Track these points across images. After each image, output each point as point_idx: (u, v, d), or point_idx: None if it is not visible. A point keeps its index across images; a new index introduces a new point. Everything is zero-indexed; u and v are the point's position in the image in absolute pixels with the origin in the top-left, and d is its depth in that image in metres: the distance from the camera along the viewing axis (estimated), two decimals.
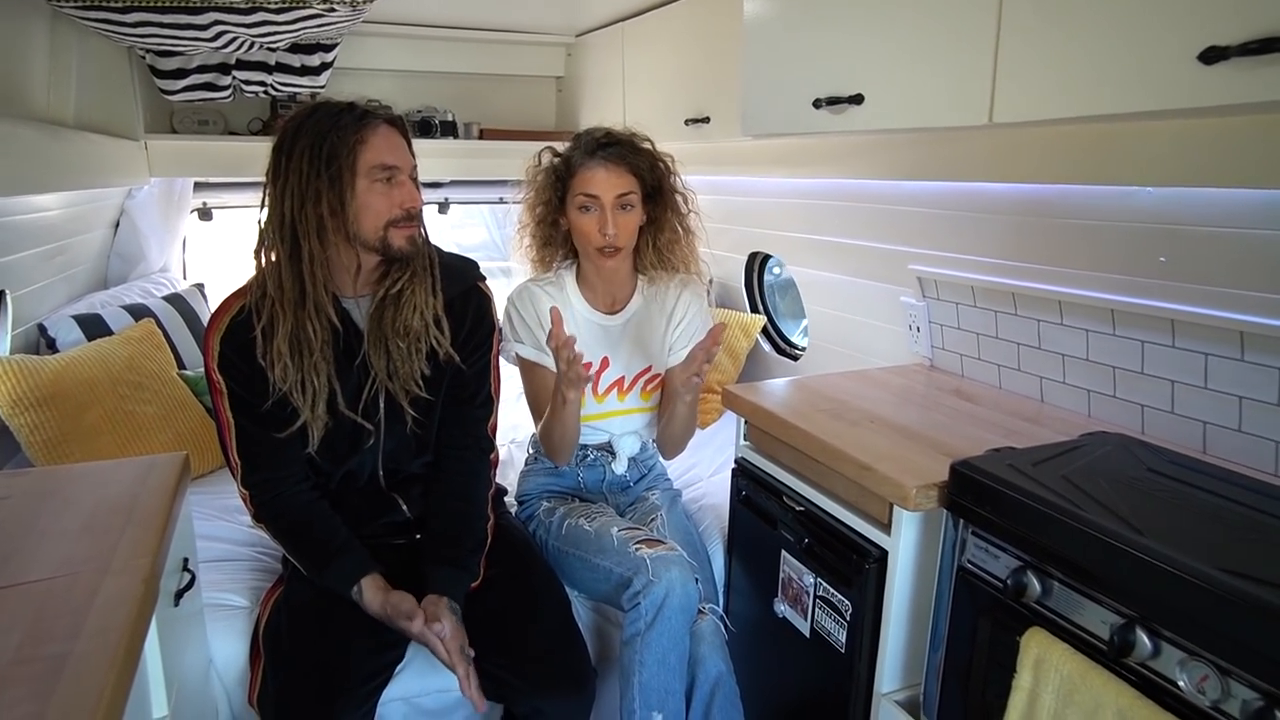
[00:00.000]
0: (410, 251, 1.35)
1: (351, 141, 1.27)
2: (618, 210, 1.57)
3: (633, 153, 1.61)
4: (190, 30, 1.95)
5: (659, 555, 1.45)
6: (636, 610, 1.42)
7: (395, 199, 1.31)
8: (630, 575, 1.44)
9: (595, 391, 1.70)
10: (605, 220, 1.57)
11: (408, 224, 1.33)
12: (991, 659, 1.13)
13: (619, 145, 1.61)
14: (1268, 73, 0.83)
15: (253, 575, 1.61)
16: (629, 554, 1.47)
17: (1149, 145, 1.18)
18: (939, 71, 1.25)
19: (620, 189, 1.57)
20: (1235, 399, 1.29)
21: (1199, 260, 1.28)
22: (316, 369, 1.32)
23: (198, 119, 2.64)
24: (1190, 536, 0.96)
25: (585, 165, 1.59)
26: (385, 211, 1.31)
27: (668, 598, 1.41)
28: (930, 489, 1.21)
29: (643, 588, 1.42)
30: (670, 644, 1.42)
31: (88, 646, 0.82)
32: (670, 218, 1.68)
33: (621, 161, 1.59)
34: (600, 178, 1.57)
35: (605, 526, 1.57)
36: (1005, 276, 1.63)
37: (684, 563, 1.46)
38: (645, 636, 1.41)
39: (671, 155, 1.69)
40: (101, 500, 1.17)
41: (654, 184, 1.64)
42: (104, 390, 1.90)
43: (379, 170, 1.29)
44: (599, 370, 1.70)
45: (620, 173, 1.58)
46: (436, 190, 3.19)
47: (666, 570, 1.42)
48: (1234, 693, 0.83)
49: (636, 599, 1.42)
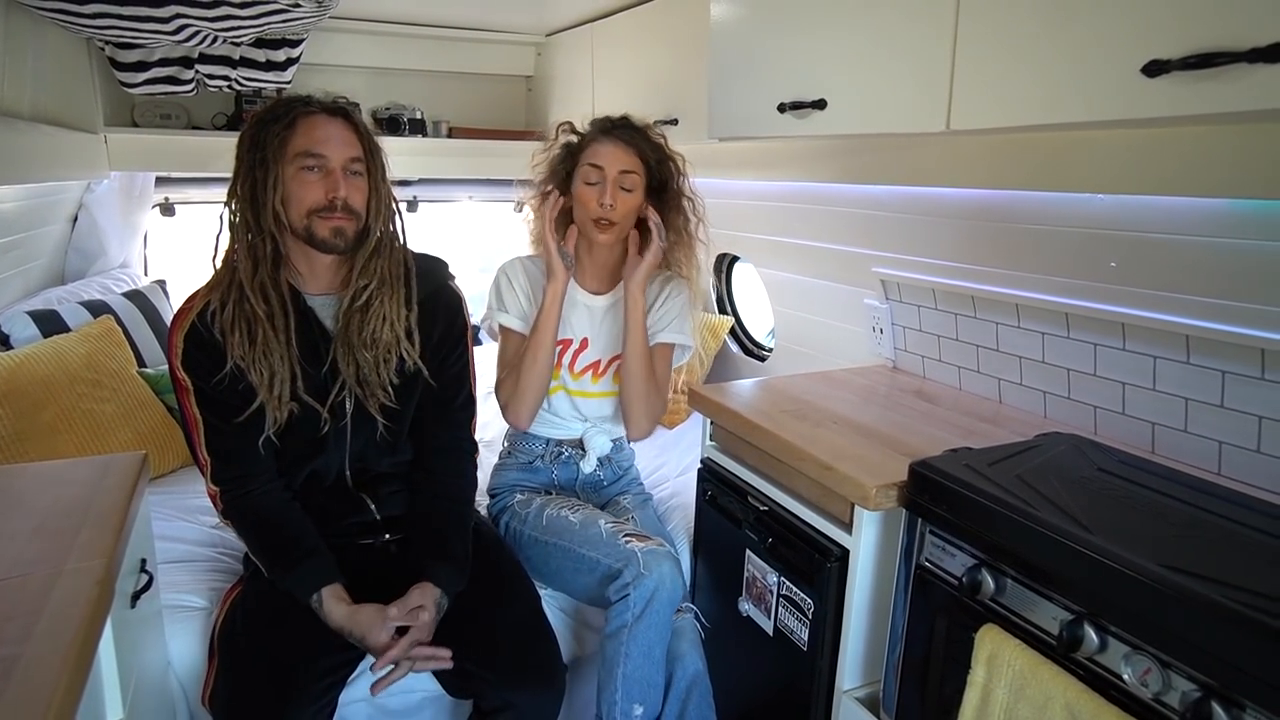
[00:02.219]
0: (337, 245, 1.33)
1: (280, 128, 1.28)
2: (619, 188, 1.61)
3: (643, 140, 1.66)
4: (151, 23, 1.92)
5: (650, 549, 1.46)
6: (625, 602, 1.43)
7: (321, 188, 1.30)
8: (620, 567, 1.45)
9: (572, 369, 1.73)
10: (605, 191, 1.60)
11: (330, 214, 1.31)
12: (948, 655, 1.15)
13: (632, 129, 1.67)
14: (1206, 86, 0.86)
15: (213, 576, 1.59)
16: (619, 546, 1.48)
17: (1098, 154, 1.22)
18: (899, 79, 1.28)
19: (624, 165, 1.62)
20: (1181, 400, 1.33)
21: (1147, 266, 1.32)
22: (269, 347, 1.31)
23: (160, 113, 2.59)
24: (1136, 534, 0.99)
25: (597, 140, 1.66)
26: (309, 200, 1.30)
27: (658, 590, 1.42)
28: (890, 488, 1.23)
29: (633, 579, 1.43)
30: (656, 637, 1.44)
31: (39, 649, 0.81)
32: (675, 218, 1.72)
33: (631, 143, 1.64)
34: (608, 150, 1.63)
35: (591, 518, 1.57)
36: (965, 280, 1.67)
37: (674, 558, 1.48)
38: (633, 629, 1.42)
39: (682, 157, 1.73)
40: (56, 500, 1.15)
41: (660, 178, 1.68)
42: (60, 388, 1.86)
43: (305, 158, 1.29)
44: (577, 350, 1.73)
45: (627, 151, 1.63)
46: (405, 188, 3.16)
47: (658, 564, 1.44)
48: (1174, 685, 0.86)
49: (625, 590, 1.43)
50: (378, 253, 1.38)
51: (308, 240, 1.33)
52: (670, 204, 1.71)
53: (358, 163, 1.34)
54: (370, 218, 1.36)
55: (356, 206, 1.34)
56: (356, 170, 1.34)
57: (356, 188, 1.34)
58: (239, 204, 1.32)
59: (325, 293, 1.40)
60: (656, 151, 1.67)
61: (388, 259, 1.39)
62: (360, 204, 1.34)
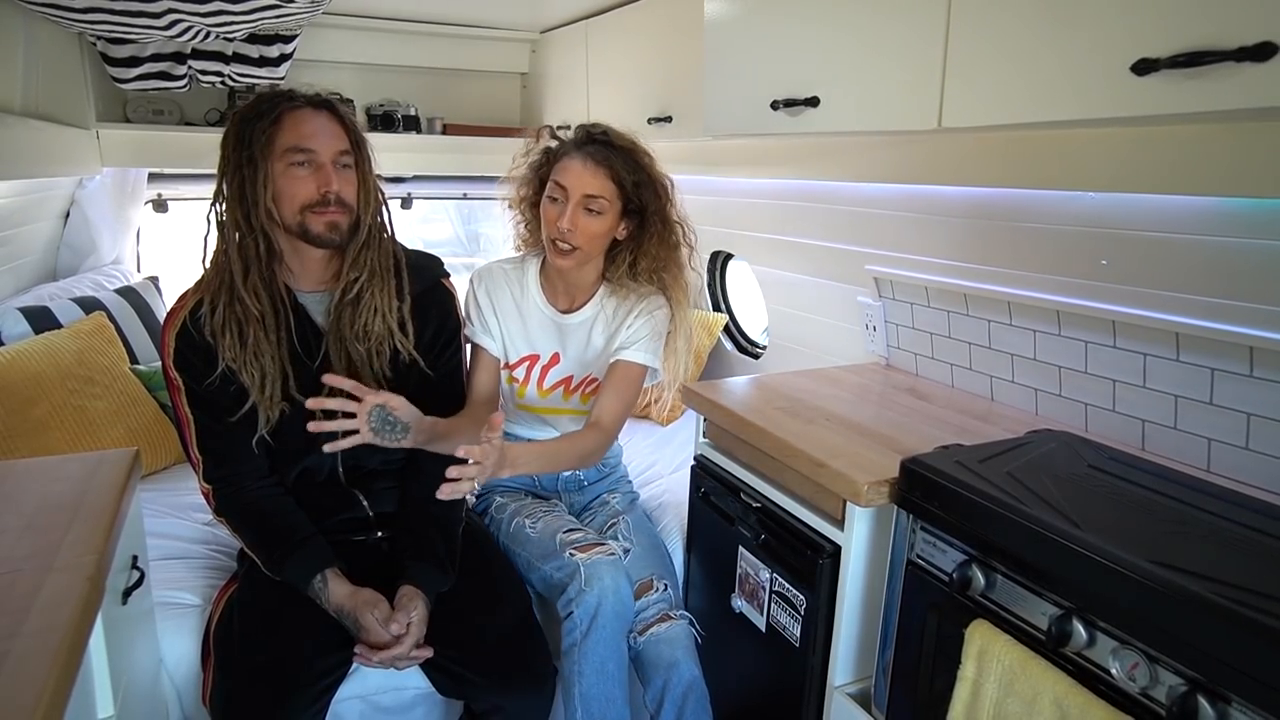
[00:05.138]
0: (332, 239, 1.33)
1: (266, 125, 1.27)
2: (581, 210, 1.50)
3: (621, 161, 1.52)
4: (143, 18, 1.91)
5: (593, 561, 1.44)
6: (571, 620, 1.42)
7: (313, 183, 1.30)
8: (566, 581, 1.44)
9: (540, 385, 1.69)
10: (564, 214, 1.49)
11: (324, 209, 1.31)
12: (939, 651, 1.16)
13: (610, 147, 1.53)
14: (1194, 85, 0.87)
15: (206, 573, 1.59)
16: (564, 559, 1.47)
17: (1088, 152, 1.23)
18: (891, 77, 1.28)
19: (590, 189, 1.49)
20: (1171, 398, 1.34)
21: (1138, 263, 1.33)
22: (260, 348, 1.31)
23: (152, 108, 2.58)
24: (1125, 531, 1.00)
25: (569, 154, 1.53)
26: (301, 195, 1.29)
27: (600, 606, 1.41)
28: (882, 485, 1.24)
29: (575, 595, 1.42)
30: (608, 652, 1.42)
31: (28, 646, 0.80)
32: (654, 247, 1.60)
33: (604, 163, 1.50)
34: (575, 170, 1.50)
35: (549, 528, 1.56)
36: (957, 277, 1.67)
37: (617, 566, 1.46)
38: (582, 647, 1.41)
39: (670, 180, 1.61)
40: (47, 496, 1.15)
41: (639, 203, 1.55)
42: (52, 385, 1.86)
43: (294, 153, 1.28)
44: (547, 364, 1.69)
45: (597, 173, 1.49)
46: (399, 185, 3.16)
47: (599, 579, 1.42)
48: (1161, 679, 0.86)
49: (570, 607, 1.42)
50: (368, 245, 1.38)
51: (301, 236, 1.32)
52: (650, 227, 1.58)
53: (346, 155, 1.34)
54: (360, 210, 1.36)
55: (349, 199, 1.33)
56: (346, 163, 1.34)
57: (347, 180, 1.33)
58: (227, 203, 1.31)
59: (316, 289, 1.40)
60: (636, 173, 1.53)
61: (377, 251, 1.39)
62: (352, 197, 1.34)
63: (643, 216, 1.58)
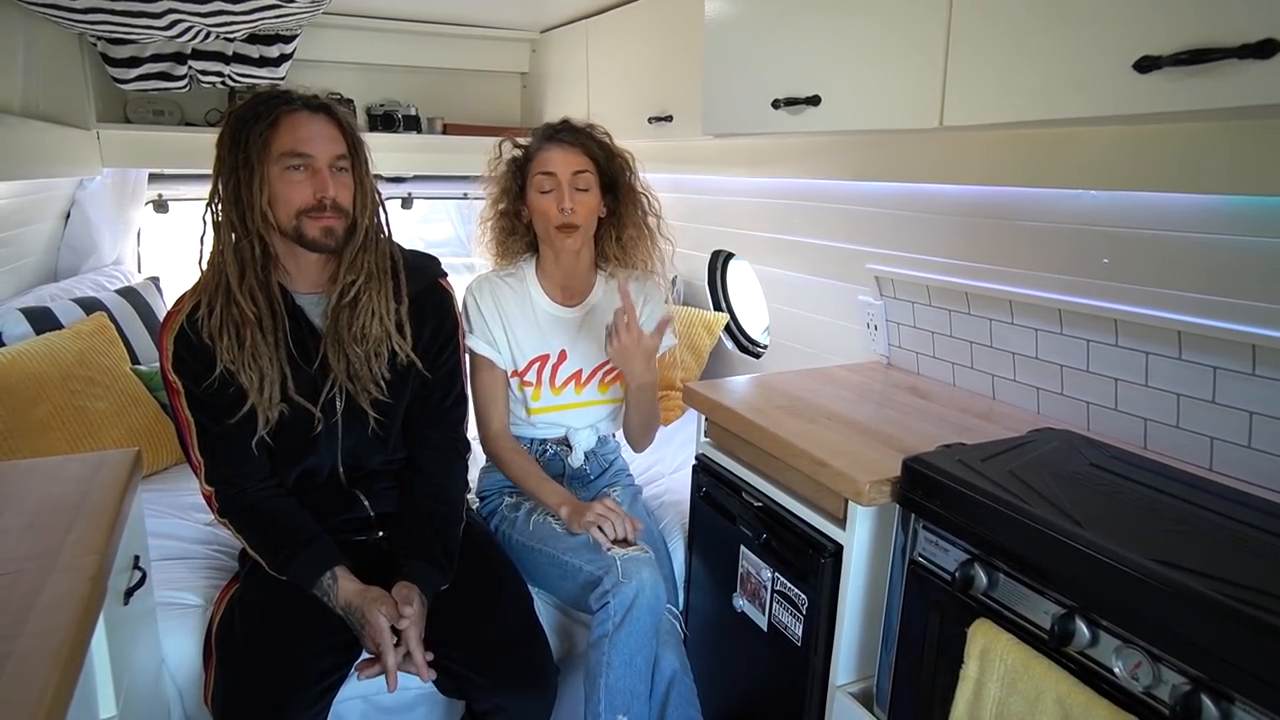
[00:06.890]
0: (328, 244, 1.32)
1: (263, 128, 1.26)
2: (574, 189, 1.60)
3: (589, 139, 1.65)
4: (143, 18, 1.91)
5: (631, 556, 1.45)
6: (605, 610, 1.42)
7: (309, 188, 1.29)
8: (600, 574, 1.45)
9: (553, 384, 1.71)
10: (563, 196, 1.59)
11: (320, 214, 1.30)
12: (941, 650, 1.15)
13: (575, 131, 1.66)
14: (1197, 82, 0.87)
15: (208, 573, 1.59)
16: (600, 553, 1.48)
17: (1091, 150, 1.22)
18: (892, 75, 1.28)
19: (576, 166, 1.61)
20: (1173, 396, 1.34)
21: (1139, 262, 1.32)
22: (257, 350, 1.30)
23: (153, 109, 2.58)
24: (1127, 529, 0.99)
25: (543, 148, 1.64)
26: (297, 200, 1.29)
27: (637, 598, 1.41)
28: (883, 484, 1.24)
29: (612, 587, 1.42)
30: (638, 645, 1.43)
31: (30, 646, 0.80)
32: (633, 214, 1.71)
33: (577, 144, 1.63)
34: (557, 156, 1.61)
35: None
36: (958, 276, 1.67)
37: (654, 565, 1.47)
38: (614, 637, 1.41)
39: (630, 153, 1.71)
40: (48, 497, 1.15)
41: (611, 175, 1.67)
42: (53, 385, 1.86)
43: (290, 157, 1.28)
44: (556, 363, 1.71)
45: (576, 153, 1.62)
46: (399, 185, 3.15)
47: (638, 571, 1.43)
48: (1164, 678, 0.86)
49: (605, 598, 1.42)
50: (364, 248, 1.37)
51: (297, 240, 1.32)
52: (624, 199, 1.70)
53: (343, 159, 1.33)
54: (357, 213, 1.35)
55: (345, 204, 1.33)
56: (342, 167, 1.33)
57: (343, 185, 1.33)
58: (223, 205, 1.30)
59: (313, 291, 1.40)
60: (604, 149, 1.66)
61: (374, 253, 1.38)
62: (348, 201, 1.34)
63: (616, 192, 1.69)
